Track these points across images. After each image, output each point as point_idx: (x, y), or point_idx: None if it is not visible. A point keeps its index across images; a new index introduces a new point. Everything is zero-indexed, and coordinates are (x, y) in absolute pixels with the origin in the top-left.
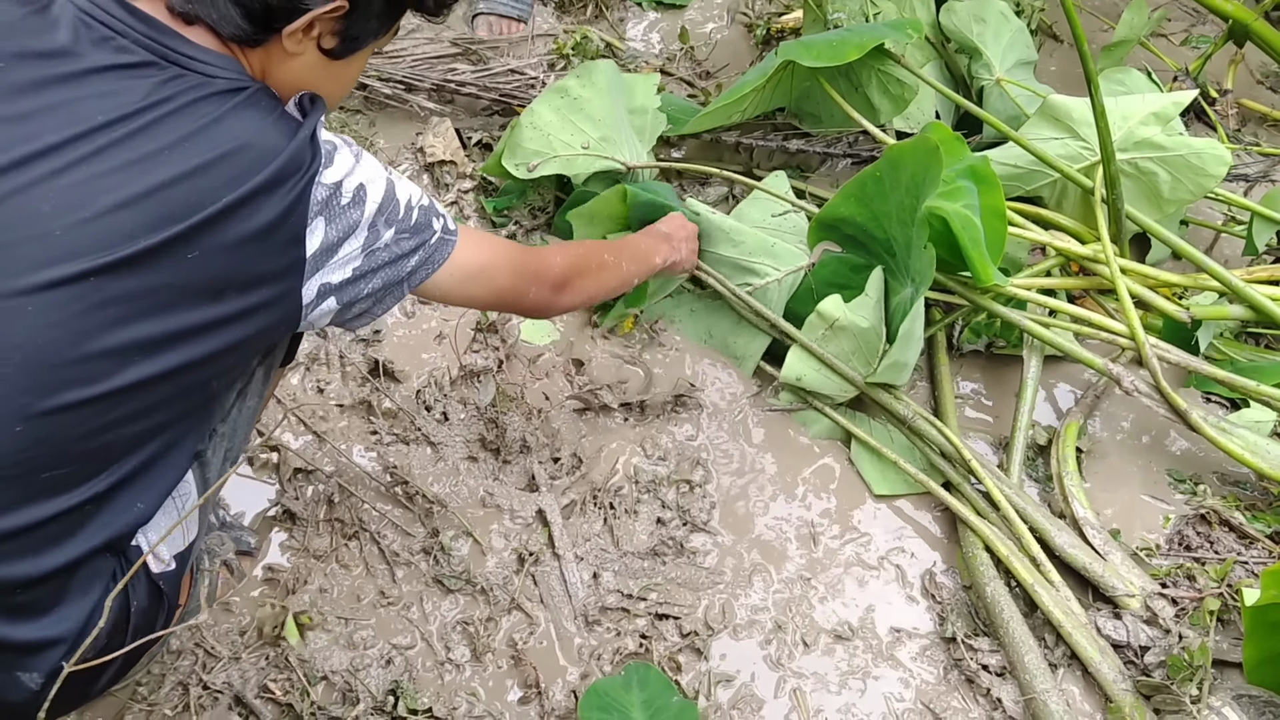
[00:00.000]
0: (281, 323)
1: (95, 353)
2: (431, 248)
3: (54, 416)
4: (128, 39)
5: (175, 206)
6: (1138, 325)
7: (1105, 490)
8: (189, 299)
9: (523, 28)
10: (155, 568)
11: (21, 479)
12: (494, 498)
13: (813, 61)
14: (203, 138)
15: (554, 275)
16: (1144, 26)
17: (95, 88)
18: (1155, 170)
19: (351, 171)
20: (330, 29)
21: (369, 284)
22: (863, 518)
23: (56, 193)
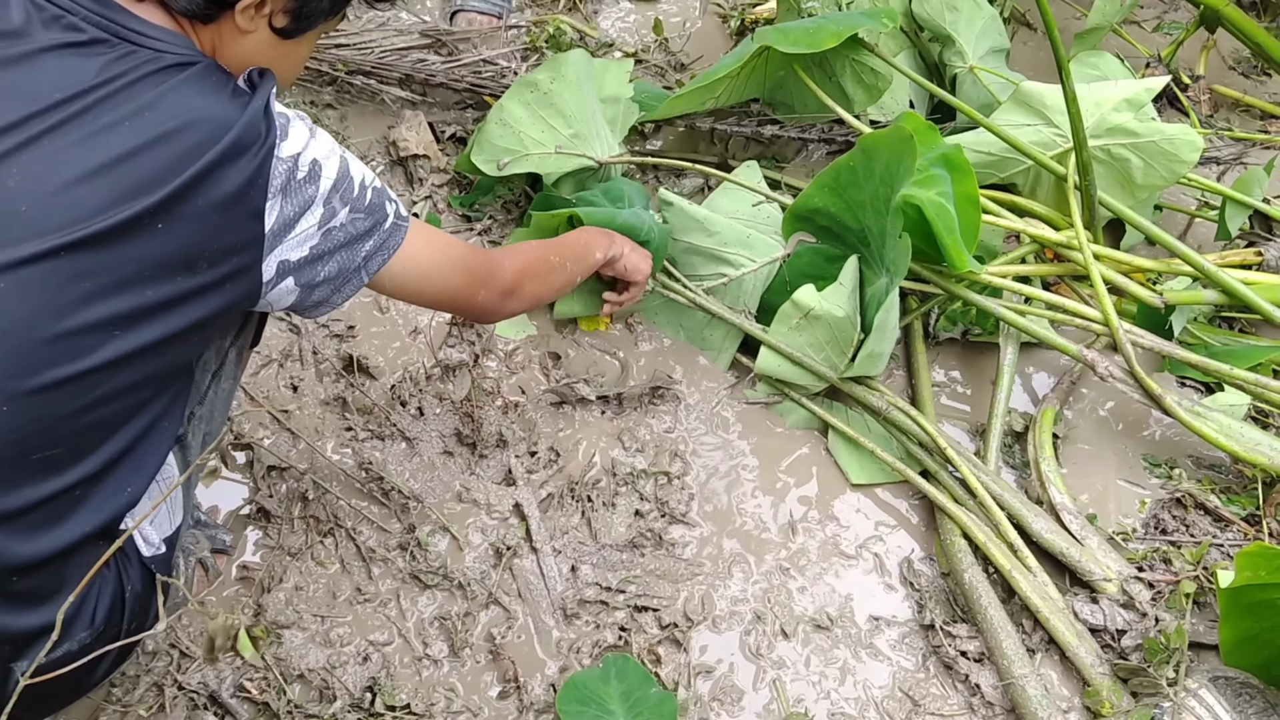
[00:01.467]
0: (244, 297)
1: (75, 329)
2: (386, 233)
3: (40, 395)
4: (77, 17)
5: (139, 178)
6: (1111, 311)
7: (1082, 476)
8: (163, 271)
9: (500, 23)
10: (146, 551)
11: (12, 460)
12: (470, 492)
13: (789, 47)
14: (158, 109)
15: (504, 281)
16: (1116, 13)
17: (49, 66)
18: (1128, 156)
19: (306, 146)
20: (282, 7)
21: (325, 267)
22: (841, 507)
23: (20, 168)
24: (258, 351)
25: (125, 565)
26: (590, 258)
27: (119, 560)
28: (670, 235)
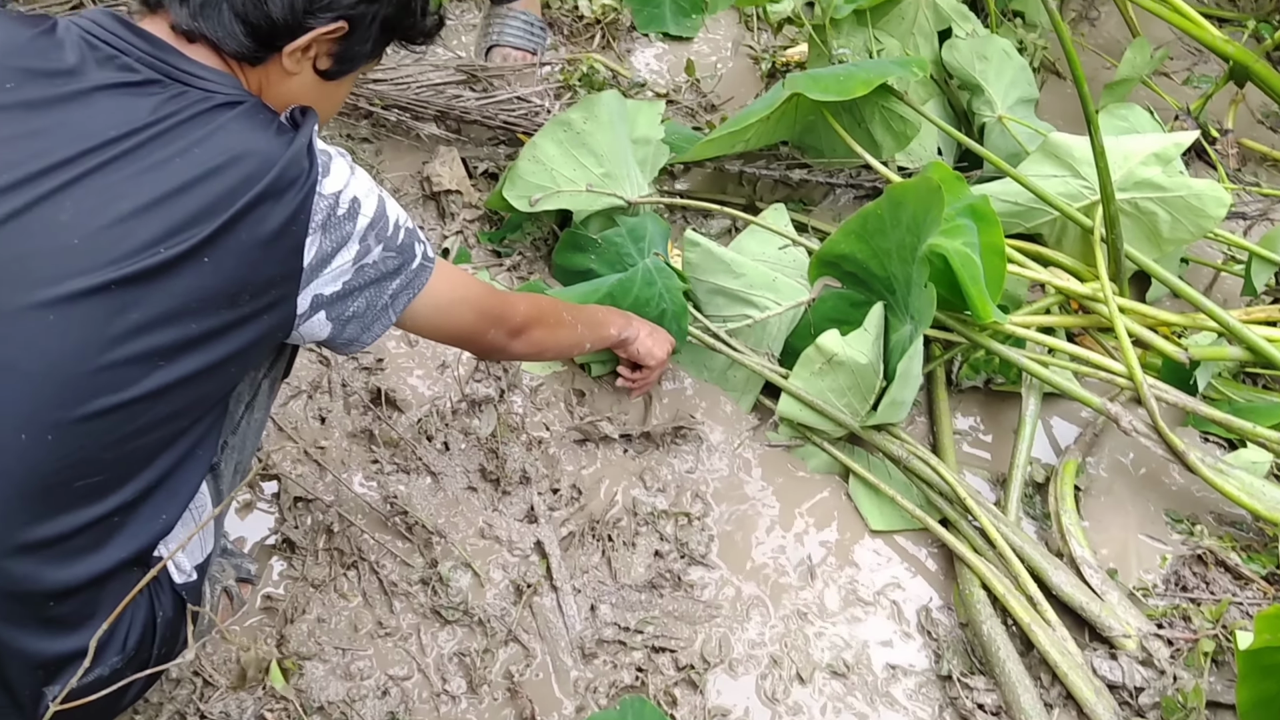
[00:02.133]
0: (278, 328)
1: (121, 360)
2: (413, 272)
3: (84, 424)
4: (131, 58)
5: (188, 212)
6: (1136, 365)
7: (1103, 529)
8: (208, 305)
9: (534, 59)
10: (178, 578)
11: (56, 488)
12: (493, 529)
13: (820, 95)
14: (206, 146)
15: (514, 322)
16: (1146, 65)
17: (103, 105)
18: (1155, 210)
19: (347, 184)
20: (327, 50)
21: (354, 303)
22: (860, 553)
23: (73, 202)
24: (287, 383)
25: (158, 592)
26: (604, 330)
27: (152, 587)
28: (685, 305)
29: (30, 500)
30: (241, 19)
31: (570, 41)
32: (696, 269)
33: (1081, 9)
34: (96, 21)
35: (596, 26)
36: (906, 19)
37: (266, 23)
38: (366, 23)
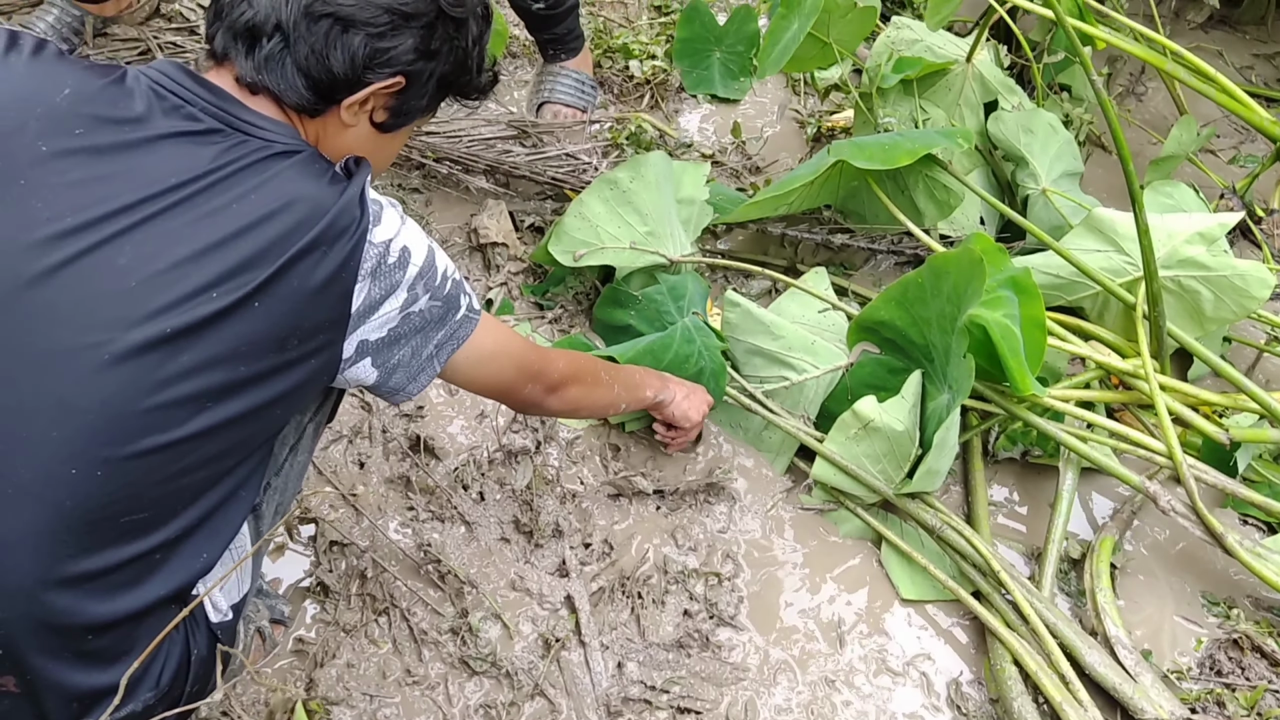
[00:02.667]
0: (323, 372)
1: (169, 401)
2: (458, 323)
3: (132, 462)
4: (196, 107)
5: (242, 257)
6: (1175, 445)
7: (1138, 608)
8: (257, 349)
9: (584, 116)
10: (214, 617)
11: (102, 523)
12: (524, 581)
13: (864, 163)
14: (262, 193)
15: (552, 378)
16: (1192, 143)
17: (167, 152)
18: (1198, 289)
19: (398, 233)
20: (384, 104)
21: (399, 351)
22: (891, 621)
23: (132, 246)
24: (330, 427)
25: (193, 630)
26: (641, 392)
27: (188, 625)
28: (723, 363)
29: (76, 533)
30: (304, 72)
31: (620, 100)
32: (735, 329)
33: (1128, 84)
34: (164, 72)
35: (646, 87)
36: (953, 90)
37: (327, 76)
38: (423, 79)
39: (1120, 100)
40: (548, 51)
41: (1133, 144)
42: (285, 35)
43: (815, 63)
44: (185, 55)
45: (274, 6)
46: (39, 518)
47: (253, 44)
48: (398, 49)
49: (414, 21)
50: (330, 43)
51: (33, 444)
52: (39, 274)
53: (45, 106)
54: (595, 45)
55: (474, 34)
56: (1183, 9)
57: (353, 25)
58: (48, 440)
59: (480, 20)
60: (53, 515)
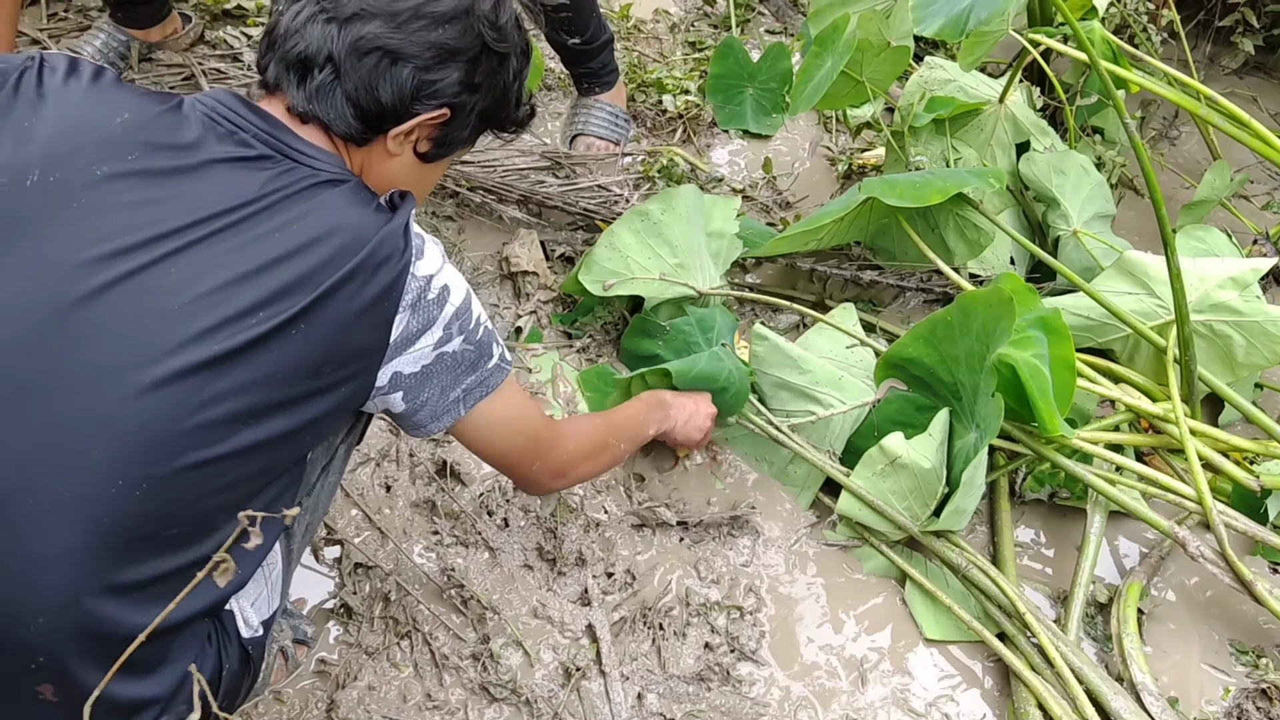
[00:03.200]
0: (355, 397)
1: (208, 422)
2: (488, 371)
3: (170, 480)
4: (248, 134)
5: (284, 282)
6: (1205, 490)
7: (1165, 655)
8: (295, 374)
9: (617, 149)
10: (245, 633)
11: (140, 538)
12: (546, 608)
13: (895, 200)
14: (306, 221)
15: (559, 461)
16: (1225, 188)
17: (219, 177)
18: (1230, 334)
19: (440, 271)
20: (428, 134)
21: (428, 389)
22: (914, 661)
23: (179, 268)
24: (358, 449)
25: (226, 644)
26: (643, 433)
27: (220, 639)
28: (748, 386)
29: (115, 548)
30: (353, 103)
31: (652, 134)
32: (763, 362)
33: (1162, 128)
34: (219, 100)
35: (679, 121)
36: (985, 130)
37: (376, 107)
38: (467, 111)
39: (1153, 144)
40: (582, 85)
41: (1165, 188)
42: (336, 67)
43: (848, 101)
44: (228, 81)
45: (326, 39)
46: (79, 533)
47: (304, 75)
48: (444, 82)
49: (460, 56)
50: (379, 75)
51: (74, 461)
52: (88, 292)
53: (102, 131)
54: (629, 79)
55: (515, 69)
56: (1217, 54)
57: (401, 58)
58: (89, 458)
59: (520, 56)
60: (92, 531)
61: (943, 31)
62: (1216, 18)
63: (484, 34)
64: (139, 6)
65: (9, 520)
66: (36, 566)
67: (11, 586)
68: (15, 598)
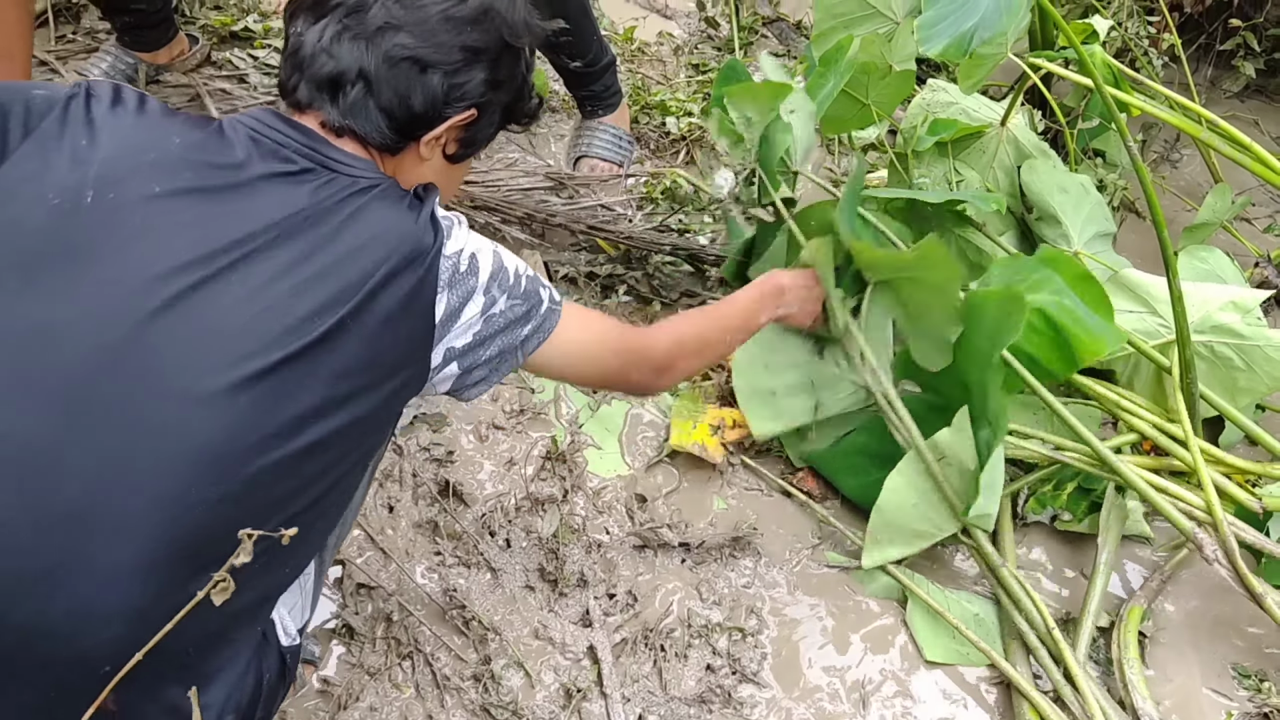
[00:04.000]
0: (413, 381)
1: (276, 427)
2: (542, 316)
3: (238, 490)
4: (290, 149)
5: (337, 288)
6: (1216, 502)
7: (1167, 679)
8: (353, 368)
9: (620, 170)
10: (284, 640)
11: (210, 548)
12: (548, 630)
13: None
14: (352, 228)
15: (657, 358)
16: (1227, 211)
17: (268, 191)
18: (1231, 356)
19: (465, 244)
20: (456, 136)
21: (487, 350)
22: (917, 684)
23: (239, 280)
24: None
25: (265, 653)
26: (755, 322)
27: (260, 648)
28: None
29: (182, 560)
30: (388, 114)
31: (656, 156)
32: None
33: (1163, 151)
34: (259, 119)
35: (682, 143)
36: (987, 153)
37: (409, 116)
38: (492, 109)
39: (1154, 167)
40: (586, 107)
41: (1167, 211)
42: (369, 81)
43: (854, 124)
44: (234, 102)
45: (356, 56)
46: (147, 546)
47: (337, 92)
48: (471, 83)
49: (484, 56)
50: (411, 84)
51: (144, 475)
52: (153, 310)
53: (157, 153)
54: (633, 101)
55: (528, 62)
56: (1219, 78)
57: (430, 66)
58: (159, 471)
59: (531, 50)
60: (159, 543)
61: (947, 52)
62: (1218, 41)
63: (503, 32)
64: (145, 30)
65: (82, 533)
66: (107, 579)
67: (83, 598)
68: (86, 609)
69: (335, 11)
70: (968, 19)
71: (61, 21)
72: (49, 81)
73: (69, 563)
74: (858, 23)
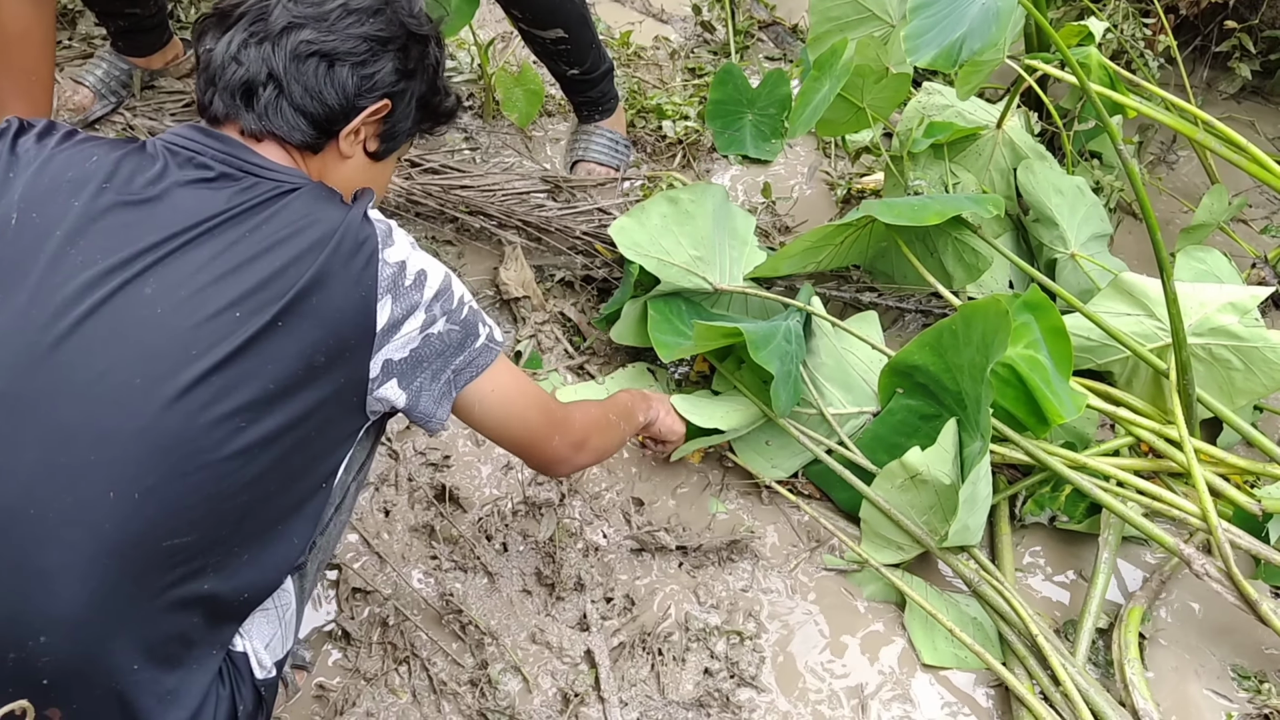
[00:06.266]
0: (350, 390)
1: (207, 422)
2: (477, 350)
3: (171, 484)
4: (207, 157)
5: (259, 278)
6: (1211, 509)
7: (1166, 680)
8: (285, 365)
9: (617, 174)
10: (259, 674)
11: (150, 549)
12: (545, 634)
13: (893, 219)
14: (273, 223)
15: (576, 432)
16: (1224, 212)
17: (183, 197)
18: (1229, 358)
19: (410, 256)
20: (374, 130)
21: (422, 374)
22: (915, 687)
23: (157, 278)
24: None
25: (239, 685)
26: (636, 419)
27: (234, 680)
28: (801, 382)
29: (125, 557)
30: (302, 111)
31: (652, 159)
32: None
33: (1160, 153)
34: (177, 133)
35: (678, 146)
36: (983, 155)
37: (324, 110)
38: (406, 99)
39: (1151, 168)
40: (582, 112)
41: (1164, 212)
42: (279, 82)
43: (849, 128)
44: None
45: (263, 58)
46: (83, 545)
47: (250, 97)
48: (381, 72)
49: (390, 45)
50: (320, 79)
51: (74, 473)
52: (80, 315)
53: (75, 171)
54: (630, 105)
55: (436, 55)
56: (1215, 79)
57: (337, 59)
58: (89, 469)
59: (438, 45)
60: (96, 542)
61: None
62: (1213, 43)
63: (405, 21)
64: (140, 35)
65: (13, 535)
66: (39, 581)
67: (16, 604)
68: (17, 614)
69: (240, 22)
70: (956, 28)
71: (57, 28)
72: None
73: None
74: (853, 26)
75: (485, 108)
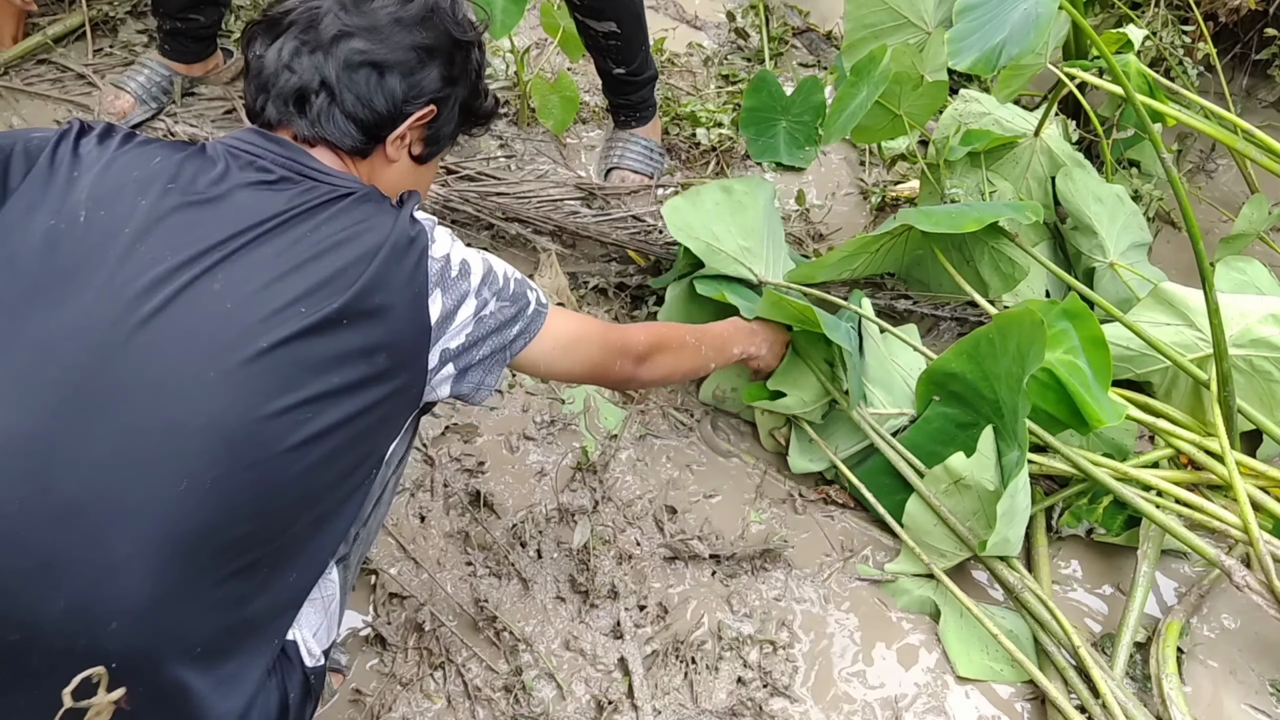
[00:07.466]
0: (411, 385)
1: (270, 413)
2: (529, 317)
3: (239, 475)
4: (267, 160)
5: (322, 276)
6: (1252, 521)
7: (1204, 695)
8: (347, 360)
9: (651, 182)
10: (309, 662)
11: (215, 537)
12: (578, 641)
13: (930, 227)
14: (333, 224)
15: (637, 349)
16: (1263, 222)
17: (246, 198)
18: (1270, 369)
19: (452, 249)
20: (419, 135)
21: (479, 351)
22: (950, 699)
23: (224, 275)
24: None
25: (289, 674)
26: (729, 350)
27: (283, 668)
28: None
29: (192, 546)
30: (352, 118)
31: (686, 166)
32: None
33: (1199, 161)
34: (238, 137)
35: (712, 154)
36: (1021, 164)
37: (374, 117)
38: (450, 104)
39: (1190, 177)
40: (619, 117)
41: (1202, 221)
42: (331, 90)
43: (885, 134)
44: None
45: (316, 67)
46: (151, 536)
47: (302, 104)
48: (427, 80)
49: (437, 54)
50: (371, 87)
51: (143, 466)
52: (153, 308)
53: (141, 171)
54: (664, 112)
55: (478, 60)
56: (1254, 87)
57: (387, 67)
58: (157, 461)
59: (479, 49)
60: (164, 532)
61: (975, 66)
62: (1253, 51)
63: (450, 29)
64: (190, 41)
65: (82, 527)
66: (110, 571)
67: (86, 592)
68: (90, 603)
69: (290, 29)
70: (996, 33)
71: (99, 35)
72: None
73: (67, 557)
74: (888, 33)
75: (520, 115)
